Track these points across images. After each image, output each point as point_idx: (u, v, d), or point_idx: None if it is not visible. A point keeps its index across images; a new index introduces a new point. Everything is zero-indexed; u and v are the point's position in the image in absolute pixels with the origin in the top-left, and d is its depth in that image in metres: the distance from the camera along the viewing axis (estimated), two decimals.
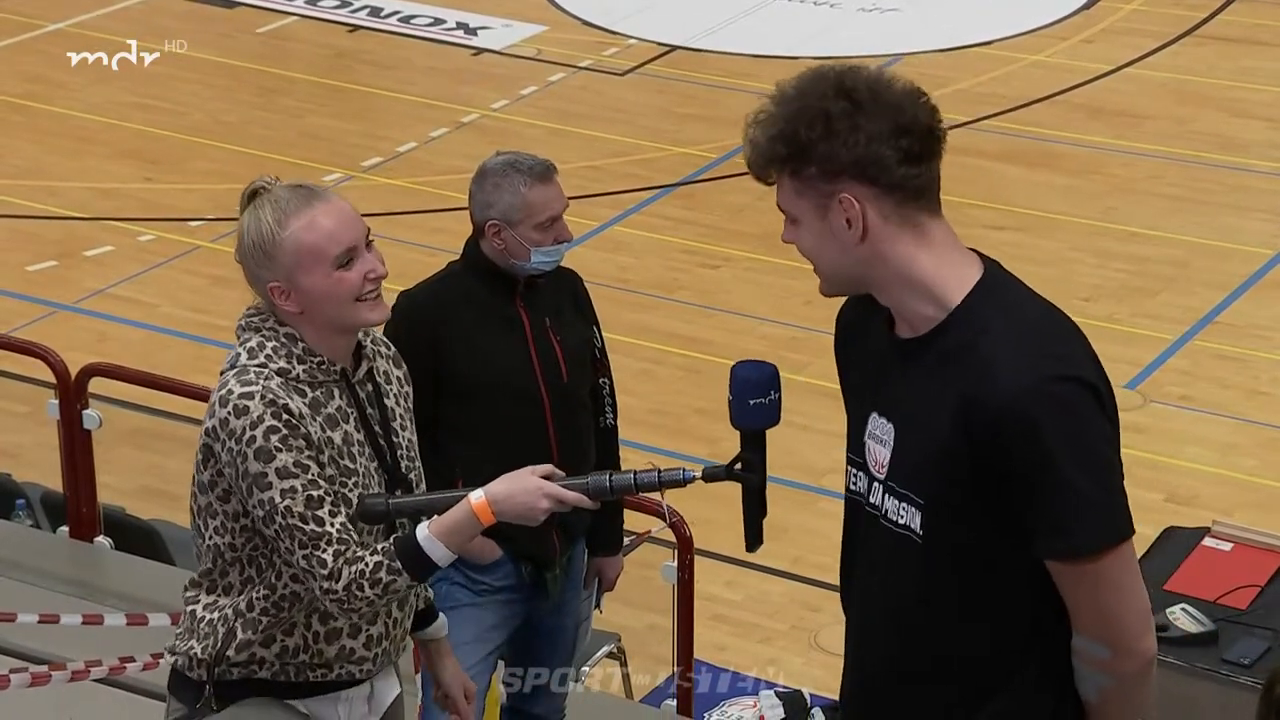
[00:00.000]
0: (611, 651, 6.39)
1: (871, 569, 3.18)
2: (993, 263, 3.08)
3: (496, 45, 14.22)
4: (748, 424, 3.31)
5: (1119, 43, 14.09)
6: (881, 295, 3.08)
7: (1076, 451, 2.91)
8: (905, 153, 2.97)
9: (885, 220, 2.99)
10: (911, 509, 3.05)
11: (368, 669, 3.73)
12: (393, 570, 3.48)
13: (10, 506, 6.91)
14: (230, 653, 3.63)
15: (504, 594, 4.93)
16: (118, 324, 10.33)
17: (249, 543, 3.60)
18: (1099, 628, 3.02)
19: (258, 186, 3.61)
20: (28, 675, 5.26)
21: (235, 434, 3.49)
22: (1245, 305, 10.46)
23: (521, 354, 4.85)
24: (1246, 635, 5.17)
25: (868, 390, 3.16)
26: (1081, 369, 2.97)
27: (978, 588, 3.05)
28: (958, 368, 2.97)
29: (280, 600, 3.61)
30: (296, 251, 3.52)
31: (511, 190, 4.77)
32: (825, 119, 2.95)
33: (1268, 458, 9.01)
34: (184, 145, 12.56)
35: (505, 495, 3.49)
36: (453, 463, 4.77)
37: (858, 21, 14.50)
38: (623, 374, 5.23)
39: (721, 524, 5.30)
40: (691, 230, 11.23)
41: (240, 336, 3.63)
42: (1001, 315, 2.99)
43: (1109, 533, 2.96)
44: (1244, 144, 12.47)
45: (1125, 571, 3.00)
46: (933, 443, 3.00)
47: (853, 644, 3.28)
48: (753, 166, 3.06)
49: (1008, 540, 3.00)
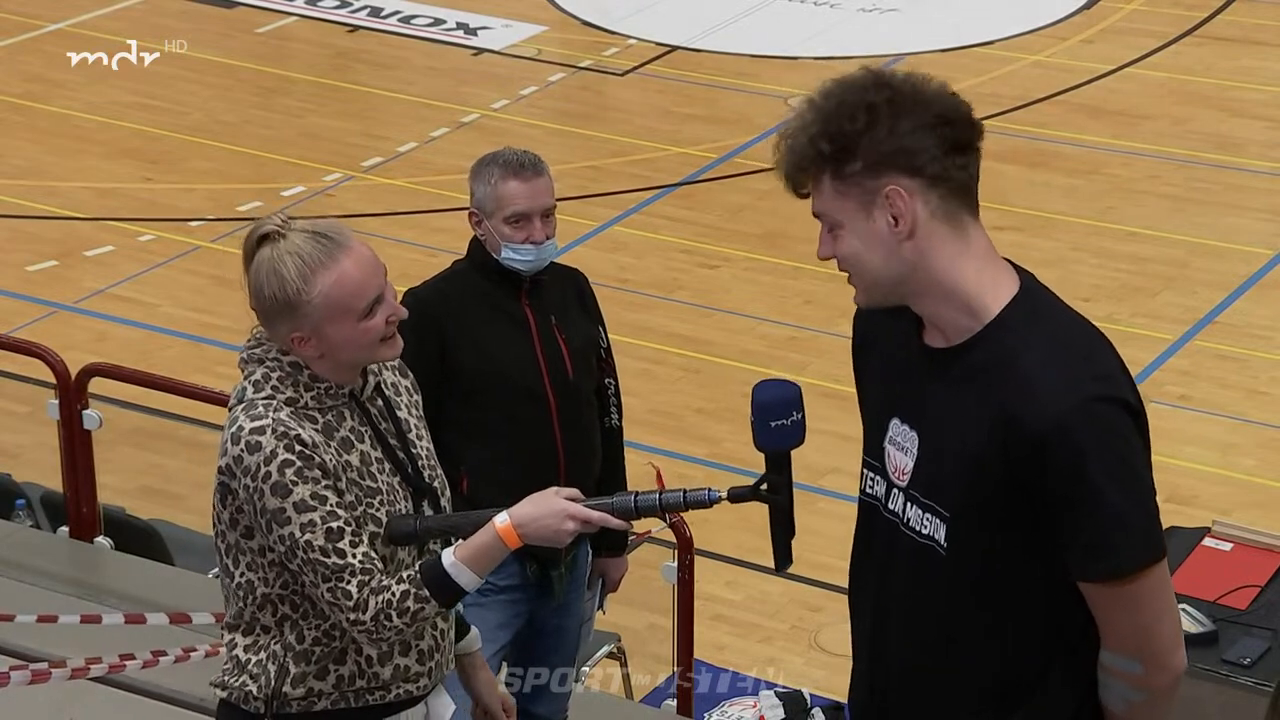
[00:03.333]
0: (612, 651, 6.39)
1: (889, 576, 3.15)
2: (1029, 275, 3.05)
3: (496, 45, 14.22)
4: (770, 446, 3.29)
5: (1119, 43, 14.09)
6: (918, 302, 3.04)
7: (1117, 473, 2.89)
8: (949, 141, 2.95)
9: (932, 216, 2.96)
10: (936, 520, 3.02)
11: (424, 685, 3.70)
12: (420, 599, 3.46)
13: (10, 506, 6.91)
14: (287, 688, 3.58)
15: (509, 593, 4.93)
16: (118, 324, 10.33)
17: (279, 578, 3.55)
18: (1133, 645, 3.00)
19: (268, 230, 3.50)
20: (28, 673, 5.26)
21: (250, 470, 3.45)
22: (1245, 305, 10.46)
23: (527, 352, 4.85)
24: (1246, 635, 5.18)
25: (891, 395, 3.12)
26: (1122, 390, 2.95)
27: (1002, 601, 3.02)
28: (995, 382, 2.94)
29: (331, 629, 3.57)
30: (326, 308, 3.46)
31: (487, 180, 4.80)
32: (868, 110, 2.93)
33: (1267, 457, 9.01)
34: (184, 145, 12.56)
35: (531, 518, 3.48)
36: (459, 461, 4.77)
37: (858, 22, 14.49)
38: (622, 374, 5.23)
39: (722, 524, 5.31)
40: (691, 230, 11.22)
41: (244, 370, 3.58)
42: (1040, 330, 2.96)
43: (1146, 553, 2.94)
44: (1243, 144, 12.47)
45: (1160, 590, 2.98)
46: (964, 456, 2.97)
47: (866, 650, 3.25)
48: (791, 175, 3.01)
49: (1035, 556, 2.97)
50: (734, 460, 8.48)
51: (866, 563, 3.22)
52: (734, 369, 9.56)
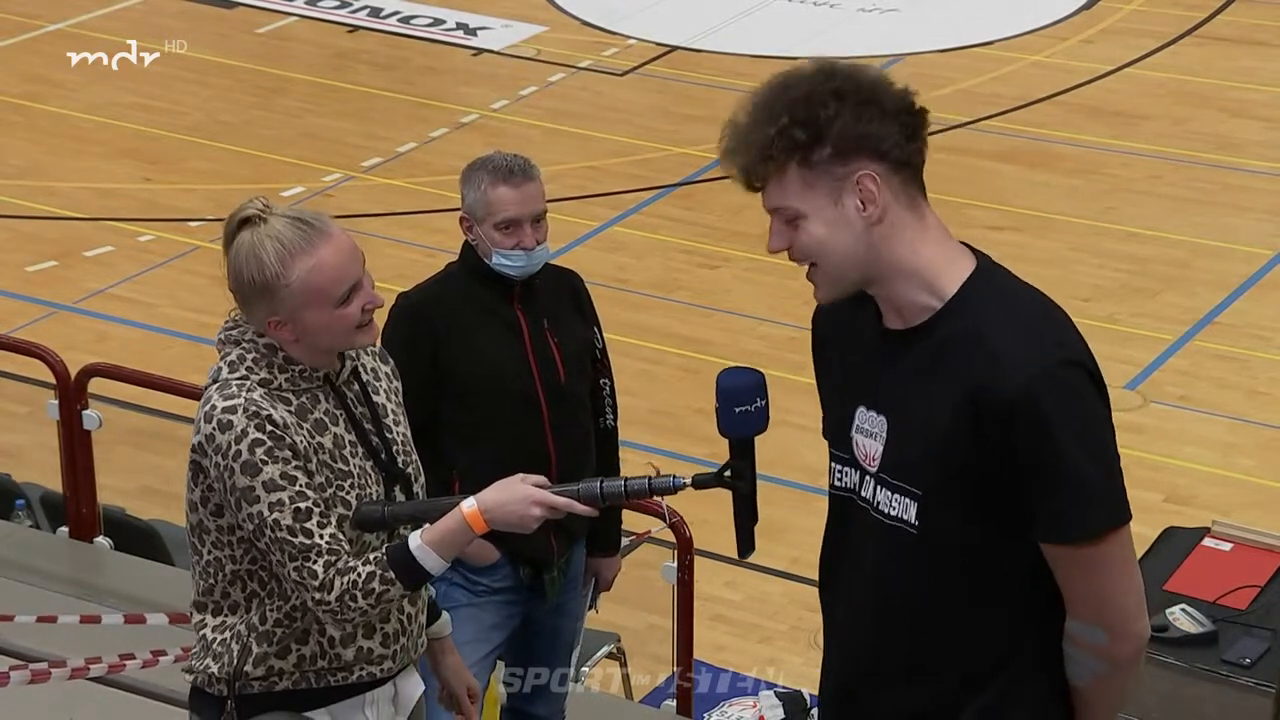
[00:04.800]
0: (611, 652, 6.39)
1: (860, 563, 3.17)
2: (983, 255, 3.10)
3: (496, 45, 14.22)
4: (734, 432, 3.33)
5: (1119, 43, 14.09)
6: (878, 286, 3.08)
7: (1083, 437, 2.94)
8: (909, 127, 3.02)
9: (895, 200, 3.01)
10: (906, 500, 3.06)
11: (388, 667, 3.72)
12: (385, 580, 3.48)
13: (10, 507, 6.91)
14: (248, 668, 3.61)
15: (502, 595, 4.92)
16: (117, 324, 10.33)
17: (247, 555, 3.58)
18: (1096, 612, 3.03)
19: (250, 214, 3.53)
20: (28, 672, 5.27)
21: (221, 449, 3.48)
22: (1244, 305, 10.46)
23: (518, 355, 4.84)
24: (1246, 635, 5.17)
25: (854, 385, 3.16)
26: (1082, 355, 3.00)
27: (972, 577, 3.06)
28: (959, 358, 2.98)
29: (293, 610, 3.60)
30: (304, 293, 3.48)
31: (477, 186, 4.79)
32: (836, 97, 2.98)
33: (1267, 458, 9.02)
34: (183, 145, 12.56)
35: (497, 504, 3.50)
36: (451, 463, 4.77)
37: (857, 21, 14.50)
38: (621, 374, 5.23)
39: (721, 525, 5.30)
40: (690, 230, 11.22)
41: (221, 350, 3.61)
42: (999, 304, 3.01)
43: (1112, 516, 2.98)
44: (1242, 144, 12.48)
45: (1124, 555, 3.03)
46: (932, 433, 3.00)
47: (836, 640, 3.29)
48: (749, 168, 3.04)
49: (1005, 530, 3.01)
50: None
51: (838, 555, 3.25)
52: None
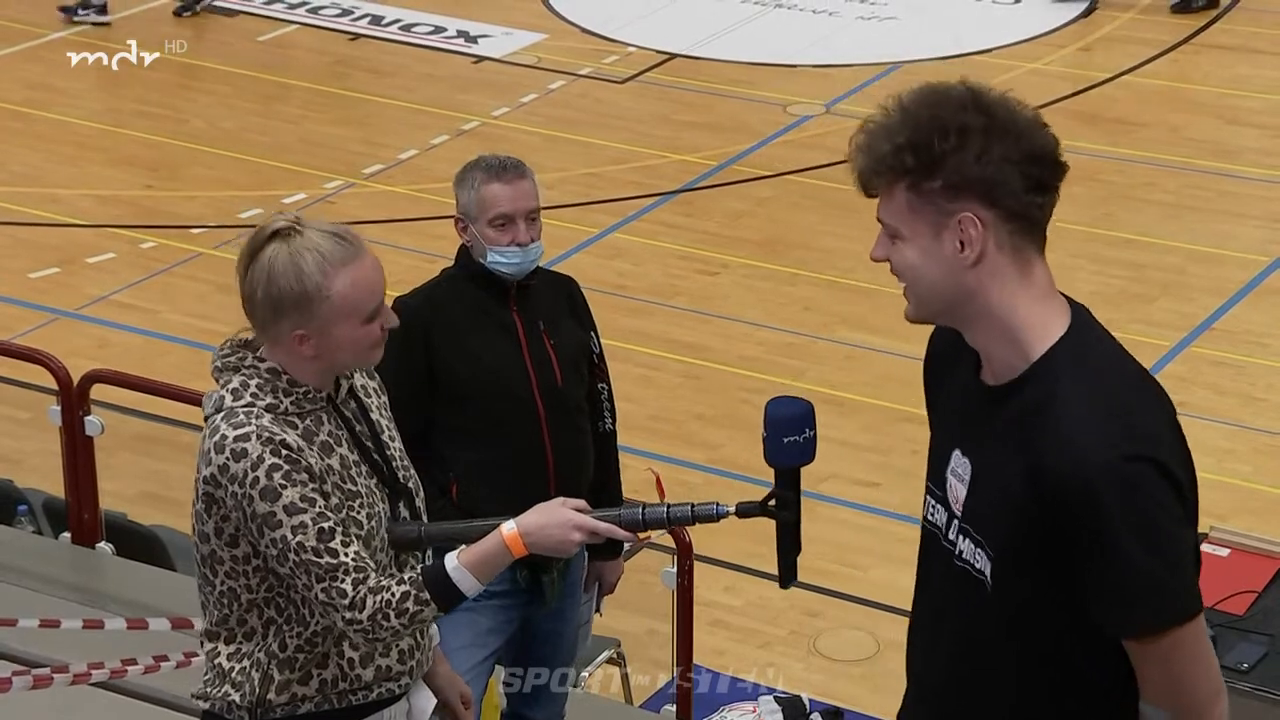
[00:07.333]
0: (611, 656, 6.41)
1: (939, 602, 3.15)
2: (1080, 312, 3.01)
3: (496, 53, 14.24)
4: (781, 462, 3.30)
5: (1116, 51, 14.11)
6: (969, 332, 3.01)
7: (1141, 530, 2.86)
8: (1033, 180, 2.92)
9: (999, 249, 2.92)
10: (984, 555, 3.01)
11: (405, 683, 3.73)
12: (420, 600, 3.46)
13: (12, 512, 6.93)
14: (271, 695, 3.60)
15: (500, 599, 4.94)
16: (119, 330, 10.34)
17: (263, 584, 3.57)
18: (1167, 697, 2.98)
19: (283, 227, 3.52)
20: (30, 678, 5.29)
21: (237, 478, 3.46)
22: (1242, 311, 10.48)
23: (515, 358, 4.87)
24: (1244, 641, 5.18)
25: (954, 425, 3.10)
26: (1156, 448, 2.91)
27: (1044, 641, 3.01)
28: (1032, 429, 2.91)
29: (314, 636, 3.59)
30: (341, 306, 3.48)
31: (470, 185, 4.83)
32: (961, 132, 2.87)
33: (1264, 464, 9.03)
34: (185, 152, 12.57)
35: (538, 527, 3.48)
36: (448, 466, 4.79)
37: (856, 29, 14.51)
38: (621, 380, 5.25)
39: (721, 530, 5.33)
40: (690, 237, 11.24)
41: (219, 378, 3.58)
42: (1080, 377, 2.92)
43: (1172, 613, 2.91)
44: (1239, 151, 12.49)
45: (1193, 645, 2.95)
46: (1005, 496, 2.95)
47: (911, 673, 3.25)
48: (865, 175, 2.95)
49: (1069, 604, 2.95)
50: (733, 466, 8.50)
51: (924, 590, 3.21)
52: (732, 375, 9.58)
